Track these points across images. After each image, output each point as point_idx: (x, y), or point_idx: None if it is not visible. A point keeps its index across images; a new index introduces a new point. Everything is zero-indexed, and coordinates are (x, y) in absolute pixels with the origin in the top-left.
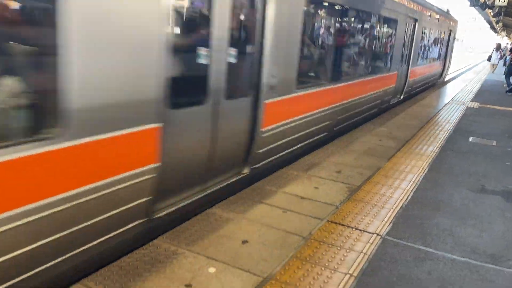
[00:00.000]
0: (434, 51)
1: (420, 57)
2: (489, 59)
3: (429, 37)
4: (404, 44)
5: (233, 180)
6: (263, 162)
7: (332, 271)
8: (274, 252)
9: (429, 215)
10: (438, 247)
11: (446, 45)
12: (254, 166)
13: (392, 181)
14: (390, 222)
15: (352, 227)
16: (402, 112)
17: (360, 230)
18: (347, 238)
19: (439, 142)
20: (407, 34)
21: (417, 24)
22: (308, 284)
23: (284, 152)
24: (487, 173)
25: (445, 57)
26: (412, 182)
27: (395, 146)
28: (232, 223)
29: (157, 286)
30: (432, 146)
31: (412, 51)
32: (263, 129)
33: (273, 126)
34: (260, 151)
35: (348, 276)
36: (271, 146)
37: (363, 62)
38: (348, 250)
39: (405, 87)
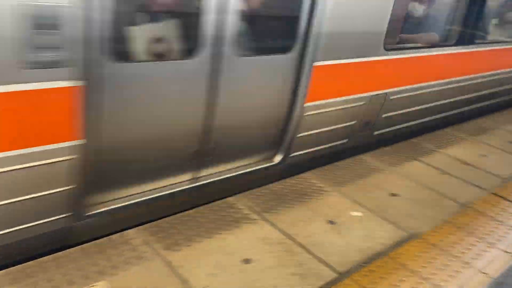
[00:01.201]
0: None
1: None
2: None
3: None
4: None
5: None
6: None
7: (489, 245)
8: (424, 211)
9: None
10: None
11: None
12: None
13: None
14: None
15: None
16: None
17: None
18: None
19: None
20: None
21: None
22: (460, 252)
23: None
24: None
25: None
26: None
27: None
28: (382, 174)
29: (302, 215)
30: None
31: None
32: None
33: None
34: None
35: (508, 255)
36: None
37: None
38: (511, 228)
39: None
